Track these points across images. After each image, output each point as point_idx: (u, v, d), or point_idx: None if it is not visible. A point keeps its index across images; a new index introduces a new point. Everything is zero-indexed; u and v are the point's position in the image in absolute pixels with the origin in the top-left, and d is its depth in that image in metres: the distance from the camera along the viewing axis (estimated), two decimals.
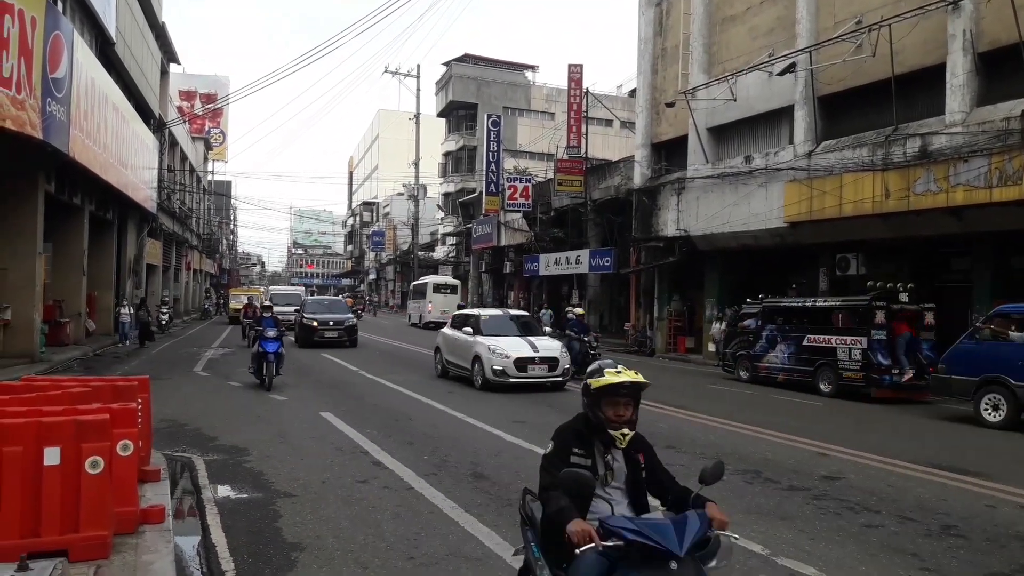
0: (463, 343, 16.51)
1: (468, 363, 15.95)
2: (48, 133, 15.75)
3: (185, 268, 52.25)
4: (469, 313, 18.25)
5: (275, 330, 15.23)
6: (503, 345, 15.33)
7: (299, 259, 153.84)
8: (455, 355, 16.91)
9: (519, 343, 15.64)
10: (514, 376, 14.94)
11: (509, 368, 14.95)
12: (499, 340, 15.60)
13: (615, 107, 46.99)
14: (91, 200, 23.02)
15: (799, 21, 20.55)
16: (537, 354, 15.28)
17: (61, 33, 16.55)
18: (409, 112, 54.86)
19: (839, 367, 15.86)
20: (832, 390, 15.89)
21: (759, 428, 11.42)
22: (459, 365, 16.51)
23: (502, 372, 14.96)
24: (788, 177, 20.15)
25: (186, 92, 67.45)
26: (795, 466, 8.92)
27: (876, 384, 15.20)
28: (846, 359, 15.75)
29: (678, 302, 27.25)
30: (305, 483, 7.67)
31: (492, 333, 16.06)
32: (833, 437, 10.84)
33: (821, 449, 9.95)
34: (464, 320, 17.49)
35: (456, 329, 17.26)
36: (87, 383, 6.96)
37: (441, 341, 17.94)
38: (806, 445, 10.22)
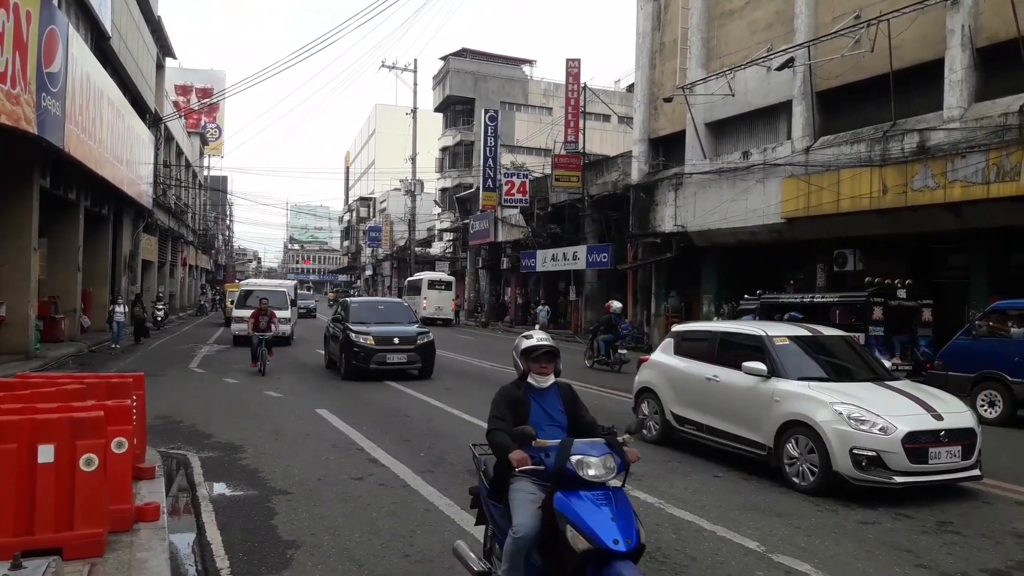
0: (729, 391, 8.81)
1: (747, 427, 8.43)
2: (43, 128, 15.67)
3: (181, 264, 52.16)
4: (741, 331, 9.47)
5: None
6: (873, 409, 7.45)
7: (295, 255, 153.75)
8: (698, 407, 9.26)
9: (893, 400, 7.83)
10: (908, 473, 7.23)
11: (895, 457, 7.18)
12: (846, 393, 7.81)
13: (613, 102, 46.93)
14: (86, 195, 22.93)
15: (797, 16, 20.52)
16: (942, 425, 7.46)
17: (56, 27, 16.45)
18: (406, 107, 54.71)
19: None
20: None
21: None
22: (717, 430, 8.89)
23: (878, 462, 7.18)
24: (786, 173, 20.14)
25: (182, 87, 67.20)
26: None
27: None
28: None
29: (675, 298, 27.24)
30: (301, 480, 7.65)
31: (812, 376, 8.32)
32: None
33: None
34: (727, 343, 9.31)
35: (693, 360, 9.64)
36: (82, 380, 6.91)
37: (655, 377, 10.25)
38: None
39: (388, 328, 16.41)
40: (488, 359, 20.79)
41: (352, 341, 15.82)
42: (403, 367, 15.99)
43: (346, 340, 16.02)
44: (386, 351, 15.78)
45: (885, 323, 15.42)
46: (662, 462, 8.73)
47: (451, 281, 43.65)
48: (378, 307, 18.78)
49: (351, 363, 15.81)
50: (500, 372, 18.03)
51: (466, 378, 16.88)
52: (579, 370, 18.67)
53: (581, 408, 4.61)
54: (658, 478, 7.97)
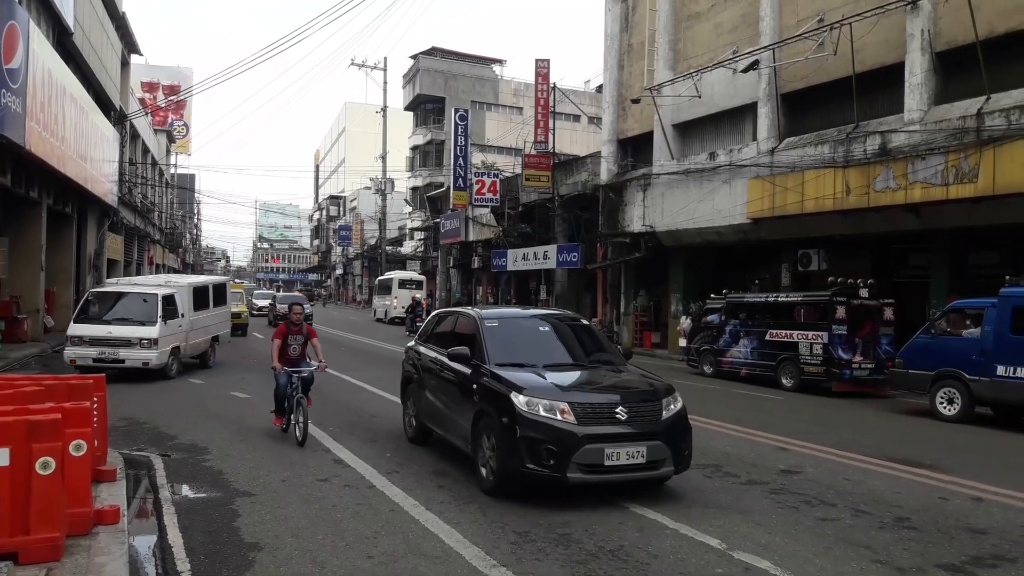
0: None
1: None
2: (3, 125, 15.38)
3: (147, 263, 51.37)
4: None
5: None
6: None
7: (264, 254, 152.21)
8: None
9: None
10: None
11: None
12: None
13: (583, 102, 47.09)
14: (49, 194, 22.51)
15: (762, 19, 20.77)
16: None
17: (16, 23, 16.14)
18: (376, 105, 54.52)
19: (800, 362, 16.13)
20: (794, 384, 16.17)
21: (721, 422, 11.57)
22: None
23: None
24: (752, 174, 20.38)
25: (148, 84, 66.19)
26: (755, 460, 9.04)
27: (836, 378, 15.50)
28: (807, 354, 16.01)
29: (644, 297, 27.45)
30: (265, 482, 7.60)
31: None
32: (793, 431, 11.02)
33: (781, 443, 10.11)
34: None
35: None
36: (40, 382, 6.82)
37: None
38: (766, 439, 10.38)
39: (593, 385, 7.73)
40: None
41: (523, 417, 6.84)
42: (640, 475, 7.10)
43: (500, 409, 7.10)
44: (604, 440, 6.83)
45: (848, 322, 15.70)
46: None
47: (422, 280, 43.57)
48: (539, 331, 8.80)
49: (520, 464, 6.83)
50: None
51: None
52: None
53: None
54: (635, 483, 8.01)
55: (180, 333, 16.21)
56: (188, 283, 17.68)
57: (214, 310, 18.73)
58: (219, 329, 19.31)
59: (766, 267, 22.25)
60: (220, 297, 19.53)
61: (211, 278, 21.49)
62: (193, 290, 17.25)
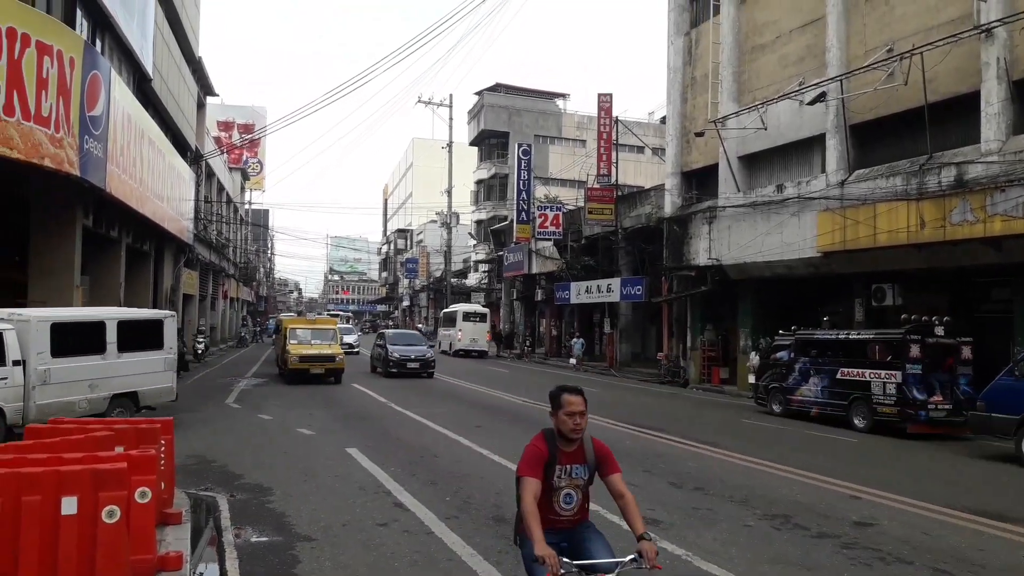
0: None
1: None
2: (85, 170, 16.11)
3: (222, 296, 52.95)
4: None
5: None
6: None
7: (335, 285, 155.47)
8: None
9: None
10: None
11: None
12: None
13: (647, 134, 47.00)
14: (128, 233, 23.46)
15: (829, 49, 20.40)
16: None
17: (99, 72, 16.98)
18: (442, 141, 55.41)
19: (873, 401, 15.57)
20: (866, 425, 15.58)
21: (790, 468, 11.17)
22: None
23: None
24: (821, 206, 19.92)
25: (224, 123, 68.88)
26: (826, 510, 8.68)
27: (911, 419, 14.86)
28: (880, 393, 15.45)
29: (712, 332, 26.95)
30: (326, 526, 7.64)
31: None
32: (867, 478, 10.57)
33: (854, 491, 9.69)
34: None
35: None
36: (110, 426, 7.03)
37: None
38: (838, 487, 9.96)
39: None
40: (520, 394, 20.68)
41: None
42: None
43: None
44: None
45: (923, 361, 15.10)
46: (691, 509, 8.56)
47: (486, 313, 43.72)
48: None
49: None
50: (532, 408, 17.95)
51: (497, 415, 16.80)
52: None
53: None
54: (685, 527, 7.81)
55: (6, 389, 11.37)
56: (40, 317, 12.19)
57: (125, 356, 13.37)
58: (138, 384, 13.75)
59: (838, 301, 21.62)
60: (144, 338, 14.13)
61: (111, 311, 14.47)
62: (53, 327, 12.06)
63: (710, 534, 7.60)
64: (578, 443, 4.06)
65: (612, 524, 7.32)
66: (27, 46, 14.12)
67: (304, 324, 25.15)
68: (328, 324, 25.82)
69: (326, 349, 23.23)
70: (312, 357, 22.66)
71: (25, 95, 14.08)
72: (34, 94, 14.28)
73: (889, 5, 19.04)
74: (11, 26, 13.82)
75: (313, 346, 23.21)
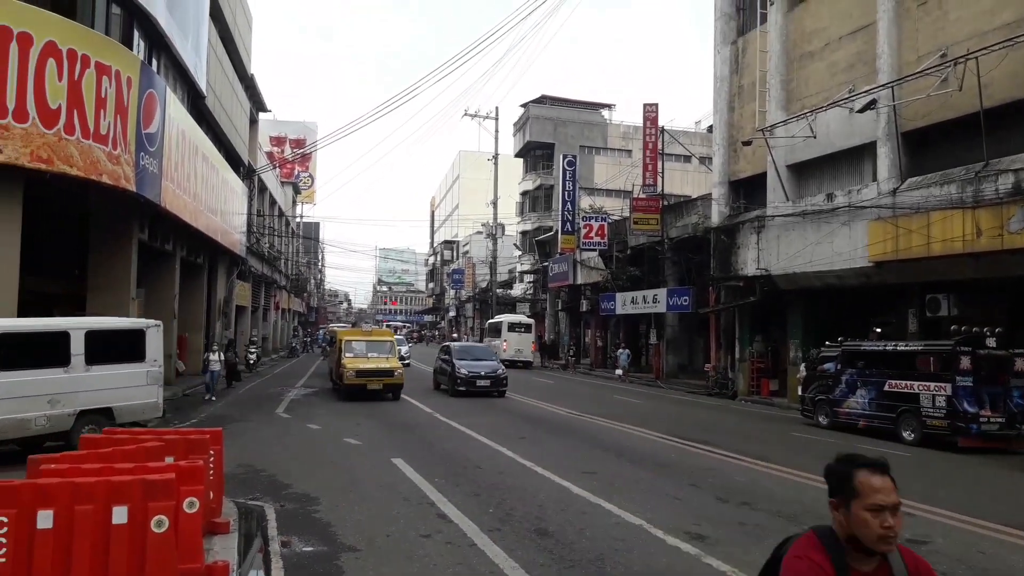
0: None
1: None
2: (141, 186, 16.63)
3: (273, 308, 53.97)
4: None
5: None
6: None
7: (383, 296, 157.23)
8: None
9: None
10: None
11: None
12: None
13: (694, 143, 46.64)
14: (182, 246, 24.10)
15: (880, 56, 20.02)
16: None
17: (155, 91, 17.54)
18: (488, 153, 55.71)
19: (922, 414, 15.24)
20: (916, 438, 15.26)
21: None
22: None
23: None
24: (872, 215, 19.52)
25: (276, 138, 70.29)
26: None
27: (962, 433, 14.47)
28: (930, 406, 15.11)
29: (760, 343, 26.54)
30: (370, 536, 7.71)
31: None
32: (919, 493, 10.28)
33: (905, 507, 9.38)
34: None
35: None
36: (161, 436, 7.21)
37: None
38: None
39: None
40: (565, 405, 20.60)
41: None
42: None
43: None
44: None
45: (974, 373, 14.70)
46: (738, 524, 8.44)
47: (531, 324, 43.74)
48: None
49: None
50: (577, 420, 17.91)
51: (541, 426, 16.77)
52: None
53: None
54: (732, 543, 7.69)
55: None
56: None
57: (96, 369, 12.43)
58: (112, 399, 12.69)
59: (891, 312, 21.13)
60: (121, 349, 13.05)
61: (78, 321, 13.34)
62: None
63: (758, 550, 7.46)
64: (880, 558, 2.43)
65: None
66: (87, 67, 14.66)
67: (360, 336, 23.77)
68: (385, 336, 24.45)
69: (384, 363, 21.66)
70: (369, 372, 21.15)
71: (84, 114, 14.61)
72: (93, 113, 14.81)
73: (942, 10, 18.62)
74: (72, 48, 14.37)
75: (370, 360, 21.66)
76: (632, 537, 7.78)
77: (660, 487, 10.32)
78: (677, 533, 7.91)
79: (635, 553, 7.24)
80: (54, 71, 14.01)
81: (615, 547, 7.42)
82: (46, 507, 5.09)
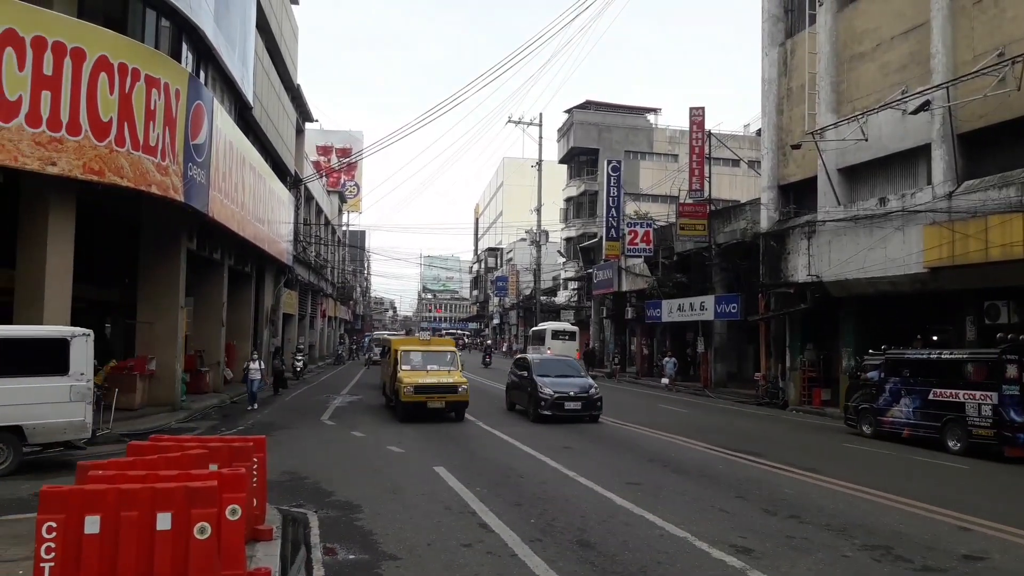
0: None
1: None
2: (189, 196, 16.94)
3: (320, 315, 54.65)
4: None
5: None
6: None
7: (428, 304, 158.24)
8: None
9: None
10: None
11: None
12: None
13: (742, 146, 46.08)
14: (230, 255, 24.51)
15: (934, 56, 19.48)
16: None
17: (202, 102, 17.86)
18: (532, 159, 55.75)
19: (968, 423, 14.93)
20: (961, 448, 15.00)
21: (892, 495, 10.56)
22: None
23: None
24: (927, 220, 18.97)
25: (323, 147, 71.49)
26: (931, 542, 8.16)
27: (1009, 442, 14.13)
28: (975, 415, 14.80)
29: (812, 351, 25.94)
30: (411, 545, 7.68)
31: None
32: (977, 508, 9.88)
33: (962, 522, 9.08)
34: None
35: None
36: (206, 443, 7.27)
37: None
38: (944, 516, 9.35)
39: None
40: (609, 414, 20.37)
41: None
42: None
43: None
44: None
45: (1020, 382, 14.28)
46: (785, 538, 8.20)
47: (575, 331, 43.51)
48: None
49: None
50: (620, 430, 17.71)
51: (585, 436, 16.61)
52: None
53: None
54: (779, 556, 7.47)
55: None
56: None
57: None
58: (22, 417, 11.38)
59: (948, 319, 20.49)
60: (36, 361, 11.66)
61: None
62: None
63: (805, 564, 7.26)
64: None
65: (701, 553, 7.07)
66: (137, 80, 15.00)
67: (418, 346, 20.97)
68: (446, 346, 21.37)
69: (446, 377, 18.99)
70: (430, 388, 18.45)
71: (134, 126, 14.94)
72: (142, 125, 15.14)
73: (999, 7, 18.05)
74: (122, 62, 14.72)
75: (430, 373, 19.06)
76: (676, 550, 7.61)
77: (706, 499, 10.11)
78: (722, 546, 7.72)
79: (678, 566, 7.08)
80: (106, 85, 14.37)
81: (658, 559, 7.27)
82: (93, 513, 5.15)
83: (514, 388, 21.55)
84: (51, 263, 14.71)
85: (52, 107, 13.60)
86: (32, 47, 13.36)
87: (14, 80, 13.15)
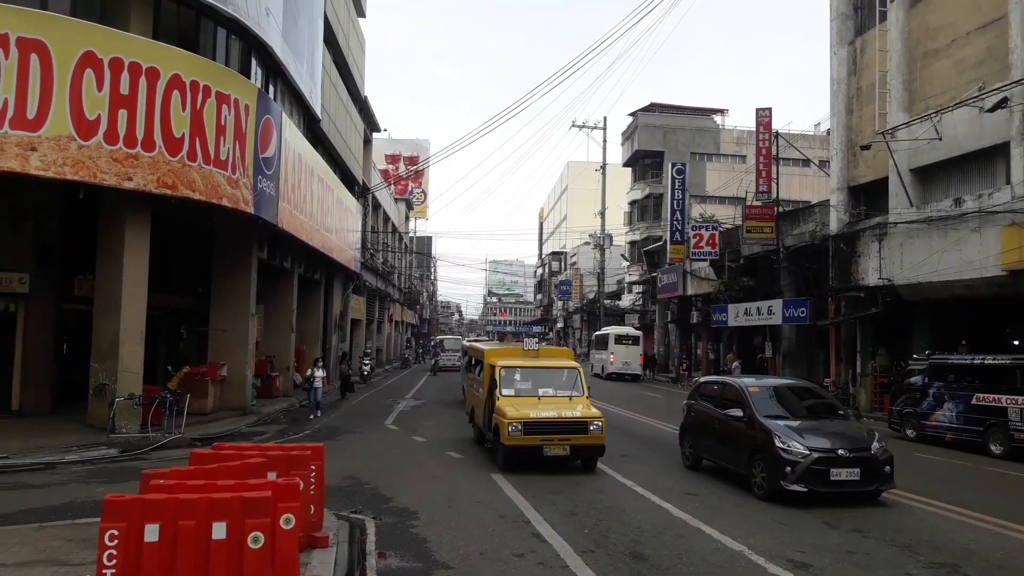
0: None
1: None
2: (259, 208, 17.45)
3: (387, 320, 55.51)
4: None
5: None
6: None
7: (493, 307, 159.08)
8: None
9: None
10: None
11: None
12: None
13: (812, 146, 44.98)
14: (299, 264, 25.15)
15: (1012, 51, 18.69)
16: None
17: (271, 116, 18.39)
18: (596, 163, 55.49)
19: (1010, 427, 14.87)
20: (1003, 452, 14.97)
21: (961, 508, 10.15)
22: None
23: None
24: (1006, 221, 18.22)
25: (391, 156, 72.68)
26: (1003, 560, 7.84)
27: None
28: (1018, 419, 14.78)
29: (884, 356, 25.15)
30: (464, 554, 7.76)
31: None
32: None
33: (1015, 531, 8.70)
34: None
35: None
36: (265, 452, 7.50)
37: None
38: (1018, 533, 8.96)
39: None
40: (673, 422, 20.08)
41: None
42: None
43: None
44: None
45: None
46: (846, 553, 7.97)
47: (639, 336, 43.11)
48: None
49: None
50: None
51: (645, 443, 16.46)
52: None
53: None
54: (839, 572, 7.28)
55: None
56: None
57: None
58: None
59: None
60: None
61: None
62: None
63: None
64: None
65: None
66: (208, 97, 15.54)
67: (523, 360, 14.34)
68: (565, 360, 14.80)
69: (568, 408, 12.86)
70: (547, 425, 12.36)
71: (206, 141, 15.48)
72: (214, 140, 15.68)
73: None
74: (194, 79, 15.27)
75: (544, 402, 13.06)
76: (731, 564, 7.51)
77: (765, 511, 9.91)
78: (779, 561, 7.58)
79: None
80: (178, 102, 14.94)
81: (712, 573, 7.19)
82: (153, 521, 5.37)
83: (705, 434, 12.96)
84: (128, 273, 15.35)
85: (128, 125, 14.20)
86: (110, 68, 13.98)
87: (93, 100, 13.78)
